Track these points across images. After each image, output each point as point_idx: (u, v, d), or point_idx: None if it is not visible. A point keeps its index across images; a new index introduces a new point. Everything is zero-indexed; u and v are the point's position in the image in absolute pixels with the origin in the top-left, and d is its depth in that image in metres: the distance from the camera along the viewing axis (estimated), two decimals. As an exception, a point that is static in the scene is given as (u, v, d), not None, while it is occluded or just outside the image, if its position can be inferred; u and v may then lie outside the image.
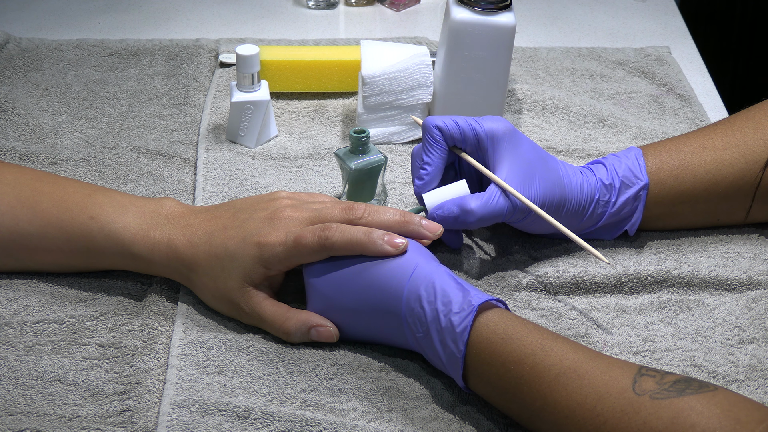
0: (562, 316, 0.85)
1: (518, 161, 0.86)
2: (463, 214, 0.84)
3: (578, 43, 1.35)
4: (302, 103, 1.17)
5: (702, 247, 0.93)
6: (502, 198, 0.84)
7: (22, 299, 0.86)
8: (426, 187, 0.88)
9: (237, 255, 0.81)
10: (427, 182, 0.88)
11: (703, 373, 0.79)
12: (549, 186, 0.86)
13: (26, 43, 1.28)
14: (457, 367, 0.74)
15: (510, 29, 1.03)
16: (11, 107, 1.13)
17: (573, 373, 0.69)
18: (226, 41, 1.29)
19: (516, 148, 0.87)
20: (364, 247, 0.78)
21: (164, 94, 1.18)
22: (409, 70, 1.06)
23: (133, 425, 0.74)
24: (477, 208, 0.84)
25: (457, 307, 0.74)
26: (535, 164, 0.87)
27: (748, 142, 0.90)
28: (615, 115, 1.14)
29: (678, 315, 0.85)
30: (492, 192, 0.85)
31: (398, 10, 1.42)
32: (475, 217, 0.84)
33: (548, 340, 0.72)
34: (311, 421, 0.74)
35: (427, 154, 0.88)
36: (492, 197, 0.84)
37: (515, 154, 0.87)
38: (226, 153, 1.07)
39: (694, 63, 1.30)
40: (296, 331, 0.80)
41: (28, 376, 0.78)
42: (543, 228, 0.90)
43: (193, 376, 0.78)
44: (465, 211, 0.84)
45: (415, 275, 0.77)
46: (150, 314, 0.84)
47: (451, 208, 0.85)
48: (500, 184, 0.85)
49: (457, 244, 0.92)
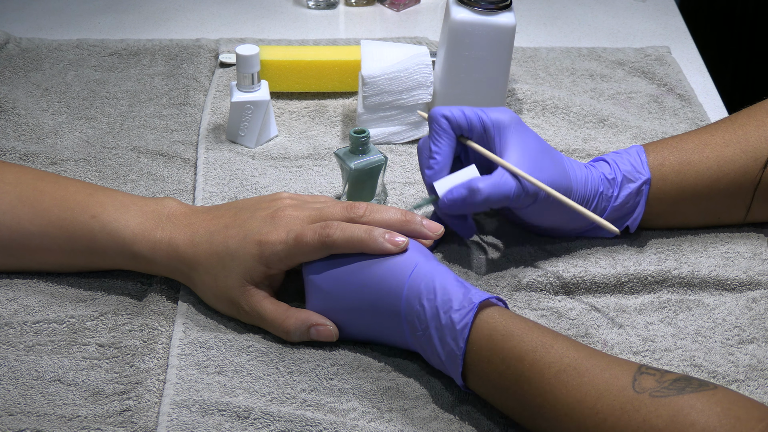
0: (563, 316, 0.85)
1: (525, 149, 0.86)
2: (471, 194, 0.84)
3: (578, 43, 1.35)
4: (302, 103, 1.17)
5: (702, 247, 0.93)
6: (510, 178, 0.84)
7: (22, 299, 0.86)
8: (437, 176, 0.88)
9: (238, 253, 0.81)
10: (437, 171, 0.88)
11: (703, 373, 0.79)
12: (555, 175, 0.86)
13: (26, 43, 1.28)
14: (456, 364, 0.74)
15: (510, 29, 1.03)
16: (11, 107, 1.13)
17: (573, 370, 0.69)
18: (226, 41, 1.29)
19: (522, 137, 0.87)
20: (364, 245, 0.78)
21: (164, 94, 1.18)
22: (409, 70, 1.06)
23: (133, 425, 0.74)
24: (484, 188, 0.84)
25: (458, 304, 0.74)
26: (541, 153, 0.87)
27: (749, 138, 0.90)
28: (615, 115, 1.14)
29: (678, 315, 0.85)
30: (500, 174, 0.85)
31: (398, 10, 1.43)
32: (483, 195, 0.84)
33: (548, 338, 0.72)
34: (311, 421, 0.74)
35: (436, 144, 0.88)
36: (500, 178, 0.84)
37: (522, 142, 0.87)
38: (226, 153, 1.07)
39: (694, 63, 1.31)
40: (296, 330, 0.80)
41: (28, 376, 0.78)
42: (548, 216, 0.89)
43: (193, 376, 0.78)
44: (472, 191, 0.84)
45: (415, 273, 0.77)
46: (150, 314, 0.84)
47: (459, 190, 0.85)
48: (508, 167, 0.85)
49: (469, 234, 0.92)
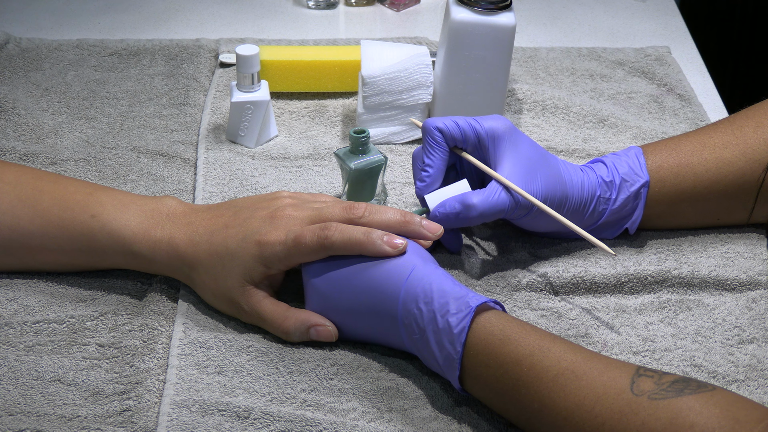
0: (562, 316, 0.85)
1: (519, 159, 0.86)
2: (465, 209, 0.84)
3: (578, 43, 1.35)
4: (302, 103, 1.17)
5: (702, 247, 0.93)
6: (503, 193, 0.84)
7: (22, 299, 0.86)
8: (428, 189, 0.88)
9: (237, 253, 0.81)
10: (428, 184, 0.88)
11: (703, 373, 0.79)
12: (550, 183, 0.86)
13: (26, 43, 1.28)
14: (453, 368, 0.74)
15: (510, 29, 1.03)
16: (11, 107, 1.13)
17: (571, 374, 0.69)
18: (226, 41, 1.29)
19: (517, 146, 0.87)
20: (363, 247, 0.78)
21: (164, 94, 1.18)
22: (409, 70, 1.06)
23: (133, 425, 0.74)
24: (479, 203, 0.84)
25: (455, 308, 0.74)
26: (536, 162, 0.87)
27: (748, 140, 0.90)
28: (615, 115, 1.14)
29: (678, 315, 0.85)
30: (494, 188, 0.85)
31: (398, 10, 1.43)
32: (477, 211, 0.84)
33: (546, 341, 0.71)
34: (311, 421, 0.74)
35: (428, 156, 0.88)
36: (494, 192, 0.84)
37: (516, 151, 0.87)
38: (226, 153, 1.07)
39: (694, 63, 1.30)
40: (295, 330, 0.80)
41: (28, 376, 0.78)
42: (545, 225, 0.90)
43: (193, 376, 0.78)
44: (466, 206, 0.84)
45: (412, 276, 0.77)
46: (150, 314, 0.84)
47: (452, 205, 0.85)
48: (502, 181, 0.85)
49: (457, 248, 0.92)
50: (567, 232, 0.91)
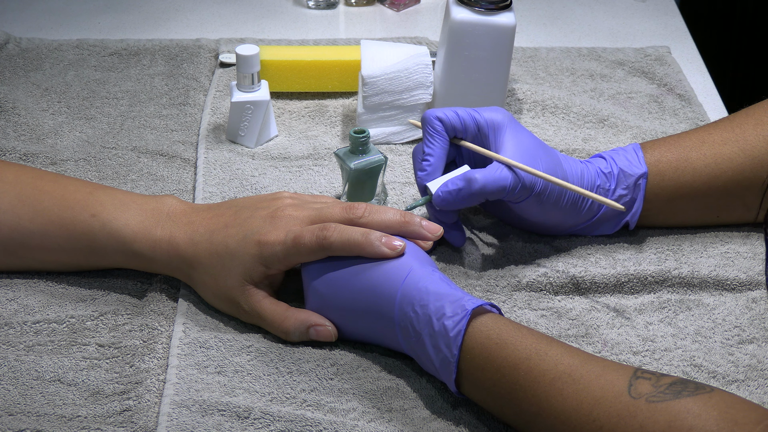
0: (562, 316, 0.85)
1: (520, 146, 0.86)
2: (467, 183, 0.84)
3: (578, 43, 1.35)
4: (302, 103, 1.17)
5: (702, 247, 0.93)
6: (506, 170, 0.84)
7: (22, 299, 0.86)
8: (429, 178, 0.88)
9: (237, 253, 0.81)
10: (429, 173, 0.88)
11: (703, 373, 0.79)
12: (551, 170, 0.86)
13: (26, 43, 1.28)
14: (449, 371, 0.73)
15: (510, 29, 1.03)
16: (11, 107, 1.13)
17: (568, 377, 0.68)
18: (226, 41, 1.29)
19: (517, 135, 0.87)
20: (361, 249, 0.78)
21: (164, 94, 1.18)
22: (409, 70, 1.06)
23: (133, 425, 0.74)
24: (481, 177, 0.83)
25: (450, 311, 0.73)
26: (536, 149, 0.87)
27: (747, 137, 0.90)
28: (615, 115, 1.14)
29: (678, 315, 0.85)
30: (496, 166, 0.85)
31: (398, 10, 1.43)
32: (479, 184, 0.83)
33: (543, 345, 0.71)
34: (311, 421, 0.74)
35: (429, 146, 0.88)
36: (496, 169, 0.84)
37: (516, 139, 0.87)
38: (226, 153, 1.07)
39: (694, 63, 1.31)
40: (295, 330, 0.80)
41: (28, 376, 0.78)
42: (545, 212, 0.89)
43: (193, 376, 0.78)
44: (468, 180, 0.84)
45: (408, 279, 0.77)
46: (150, 314, 0.84)
47: (455, 182, 0.85)
48: (504, 160, 0.85)
49: (460, 242, 0.92)
50: (565, 225, 0.91)
